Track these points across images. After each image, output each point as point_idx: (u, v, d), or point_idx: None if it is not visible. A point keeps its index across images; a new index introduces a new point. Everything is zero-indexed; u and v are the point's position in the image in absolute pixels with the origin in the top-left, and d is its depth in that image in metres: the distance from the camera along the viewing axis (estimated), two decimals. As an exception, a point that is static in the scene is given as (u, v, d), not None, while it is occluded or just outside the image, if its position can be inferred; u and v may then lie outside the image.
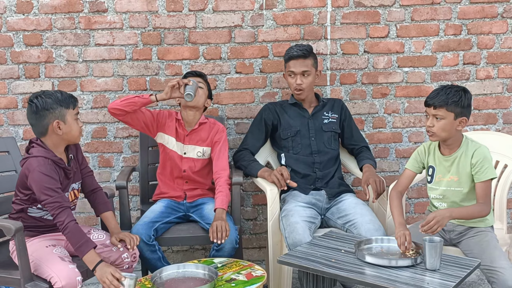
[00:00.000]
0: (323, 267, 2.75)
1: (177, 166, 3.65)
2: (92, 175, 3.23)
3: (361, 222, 3.31)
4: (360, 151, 3.79)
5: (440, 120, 2.97)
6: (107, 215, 3.19)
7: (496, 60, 4.11)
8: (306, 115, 3.74)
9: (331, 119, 3.75)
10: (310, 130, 3.71)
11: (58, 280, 2.74)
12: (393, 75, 4.11)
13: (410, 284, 2.55)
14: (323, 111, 3.76)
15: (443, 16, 4.04)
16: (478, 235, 3.02)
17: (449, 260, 2.76)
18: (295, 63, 3.62)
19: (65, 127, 2.91)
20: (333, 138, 3.73)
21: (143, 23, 3.96)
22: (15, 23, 3.92)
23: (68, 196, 3.01)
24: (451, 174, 3.06)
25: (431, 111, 2.98)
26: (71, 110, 2.92)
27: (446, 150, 3.09)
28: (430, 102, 2.98)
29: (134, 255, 3.15)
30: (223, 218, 3.33)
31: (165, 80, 4.01)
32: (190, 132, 3.63)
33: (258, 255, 4.26)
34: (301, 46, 3.64)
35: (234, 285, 2.83)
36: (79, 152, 3.14)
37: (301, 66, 3.61)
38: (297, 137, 3.70)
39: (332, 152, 3.70)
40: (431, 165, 3.13)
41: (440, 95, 2.96)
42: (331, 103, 3.81)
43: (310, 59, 3.63)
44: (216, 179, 3.57)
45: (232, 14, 3.99)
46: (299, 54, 3.60)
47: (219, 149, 3.64)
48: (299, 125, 3.71)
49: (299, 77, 3.62)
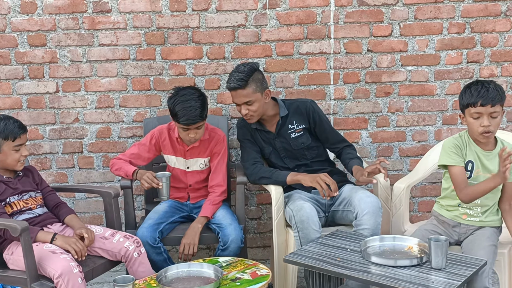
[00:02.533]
0: (329, 266, 2.77)
1: (182, 181, 3.65)
2: (54, 193, 3.38)
3: (354, 196, 3.30)
4: (341, 153, 3.67)
5: (496, 117, 2.92)
6: (70, 217, 3.27)
7: (500, 58, 4.11)
8: (271, 136, 3.61)
9: (297, 132, 3.59)
10: (280, 152, 3.61)
11: (55, 271, 2.84)
12: (397, 74, 4.11)
13: (415, 283, 2.56)
14: (287, 125, 3.59)
15: (446, 14, 4.04)
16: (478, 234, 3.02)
17: (454, 259, 2.77)
18: (235, 95, 3.45)
19: (0, 155, 3.12)
20: (306, 151, 3.62)
21: (147, 23, 3.97)
22: (19, 24, 3.93)
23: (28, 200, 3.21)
24: (492, 170, 2.99)
25: (488, 109, 2.89)
26: (10, 141, 3.11)
27: (487, 146, 3.03)
28: (485, 102, 2.88)
29: (135, 240, 3.22)
30: (195, 232, 3.39)
31: (169, 80, 4.02)
32: (190, 147, 3.58)
33: (262, 254, 4.26)
34: (238, 76, 3.41)
35: (239, 284, 2.84)
36: (35, 175, 3.34)
37: (241, 97, 3.43)
38: (272, 157, 3.63)
39: (311, 163, 3.61)
40: (470, 160, 3.04)
41: (491, 92, 2.90)
42: (293, 109, 3.60)
43: (249, 87, 3.41)
44: (210, 193, 3.58)
45: (235, 13, 3.99)
46: (235, 86, 3.41)
47: (218, 162, 3.61)
48: (269, 147, 3.62)
49: (243, 107, 3.46)
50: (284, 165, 3.61)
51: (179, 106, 3.34)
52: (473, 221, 3.05)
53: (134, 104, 4.06)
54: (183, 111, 3.33)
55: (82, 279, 2.87)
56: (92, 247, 3.15)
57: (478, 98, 2.90)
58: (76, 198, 4.16)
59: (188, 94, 3.38)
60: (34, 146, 4.07)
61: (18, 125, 3.16)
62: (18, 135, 3.13)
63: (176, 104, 3.35)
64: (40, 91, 4.02)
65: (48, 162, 4.11)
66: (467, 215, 3.06)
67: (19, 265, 2.94)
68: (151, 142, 3.60)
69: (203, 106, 3.39)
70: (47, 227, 3.18)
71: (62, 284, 2.81)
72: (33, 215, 3.16)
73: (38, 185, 3.31)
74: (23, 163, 3.20)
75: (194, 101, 3.35)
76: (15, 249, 2.99)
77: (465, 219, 3.06)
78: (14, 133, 3.12)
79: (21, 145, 3.16)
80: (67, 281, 2.81)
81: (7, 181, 3.15)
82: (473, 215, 3.05)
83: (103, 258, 3.17)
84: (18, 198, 3.15)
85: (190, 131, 3.40)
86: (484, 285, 2.78)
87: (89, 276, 3.02)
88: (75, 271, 2.85)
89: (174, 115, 3.38)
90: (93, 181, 4.14)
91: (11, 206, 3.10)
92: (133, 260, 3.15)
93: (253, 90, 3.43)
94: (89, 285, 3.88)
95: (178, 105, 3.34)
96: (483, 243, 2.94)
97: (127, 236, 3.21)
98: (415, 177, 3.52)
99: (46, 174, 4.07)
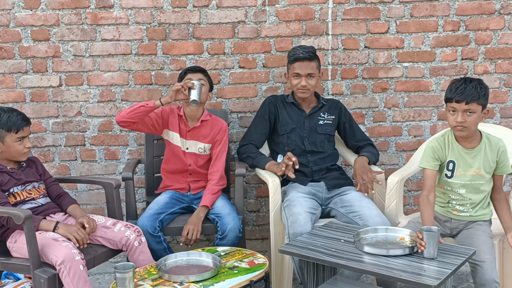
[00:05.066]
0: (323, 256, 2.82)
1: (182, 160, 3.73)
2: (57, 184, 3.46)
3: (369, 215, 3.34)
4: (362, 147, 3.83)
5: (471, 115, 2.95)
6: (73, 207, 3.36)
7: (494, 55, 4.19)
8: (303, 114, 3.79)
9: (326, 120, 3.79)
10: (305, 130, 3.76)
11: (57, 258, 2.92)
12: (393, 70, 4.19)
13: (408, 272, 2.62)
14: (320, 112, 3.80)
15: (441, 12, 4.12)
16: (472, 228, 3.10)
17: (445, 249, 2.83)
18: (300, 65, 3.65)
19: (3, 147, 3.19)
20: (326, 140, 3.78)
21: (149, 19, 4.05)
22: (23, 19, 4.01)
23: (31, 190, 3.28)
24: (477, 167, 3.06)
25: (463, 106, 2.94)
26: (13, 133, 3.18)
27: (468, 144, 3.08)
28: (460, 98, 2.94)
29: (136, 230, 3.30)
30: (199, 219, 3.49)
31: (170, 74, 4.11)
32: (192, 128, 3.70)
33: (261, 246, 4.35)
34: (307, 48, 3.67)
35: (236, 272, 2.92)
36: (38, 166, 3.42)
37: (306, 69, 3.64)
38: (292, 134, 3.75)
39: (324, 153, 3.76)
40: (451, 159, 3.10)
41: (468, 90, 2.94)
42: (329, 104, 3.85)
43: (315, 61, 3.68)
44: (209, 181, 3.67)
45: (235, 10, 4.07)
46: (305, 56, 3.63)
47: (219, 150, 3.72)
48: (296, 122, 3.76)
49: (304, 79, 3.65)
50: (302, 145, 3.74)
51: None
52: (464, 216, 3.13)
53: (136, 98, 4.14)
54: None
55: (83, 266, 2.94)
56: (94, 235, 3.23)
57: (454, 94, 2.97)
58: (79, 190, 4.24)
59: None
60: (37, 139, 4.16)
61: (21, 117, 3.23)
62: (21, 127, 3.20)
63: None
64: (43, 85, 4.10)
65: (51, 155, 4.19)
66: (457, 210, 3.13)
67: (22, 253, 3.02)
68: (162, 113, 3.71)
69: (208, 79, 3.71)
70: (50, 216, 3.25)
71: (64, 271, 2.89)
72: (36, 205, 3.24)
73: (41, 175, 3.39)
74: (27, 154, 3.28)
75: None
76: (19, 237, 3.07)
77: (456, 215, 3.14)
78: (17, 125, 3.19)
79: (24, 137, 3.23)
80: (69, 268, 2.89)
81: (10, 171, 3.22)
82: (463, 210, 3.12)
83: (104, 246, 3.25)
84: (22, 188, 3.23)
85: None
86: (493, 278, 2.84)
87: (90, 264, 3.10)
88: (77, 258, 2.93)
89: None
90: (95, 174, 4.22)
91: (15, 196, 3.18)
92: (134, 249, 3.23)
93: (317, 66, 3.70)
94: (90, 274, 3.95)
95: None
96: (481, 237, 3.01)
97: (128, 225, 3.30)
98: (408, 171, 3.59)
99: (49, 167, 4.15)
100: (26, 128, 3.24)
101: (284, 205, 3.47)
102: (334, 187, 3.64)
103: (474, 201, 3.11)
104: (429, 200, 3.05)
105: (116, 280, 2.75)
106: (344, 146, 3.95)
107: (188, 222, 3.49)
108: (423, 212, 3.03)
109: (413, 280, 2.56)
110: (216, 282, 2.82)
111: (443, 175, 3.13)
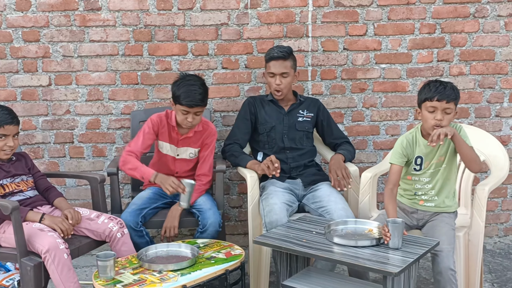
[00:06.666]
0: (295, 247, 2.95)
1: (169, 168, 3.80)
2: (44, 178, 3.58)
3: (334, 209, 3.51)
4: (339, 145, 3.95)
5: (449, 114, 3.10)
6: (59, 200, 3.48)
7: (468, 57, 4.33)
8: (282, 111, 3.90)
9: (305, 117, 3.90)
10: (284, 127, 3.87)
11: (43, 247, 3.05)
12: (371, 71, 4.33)
13: (373, 261, 2.76)
14: (299, 109, 3.91)
15: (418, 15, 4.26)
16: (436, 220, 3.24)
17: (410, 240, 2.97)
18: (275, 64, 3.77)
19: None
20: (305, 137, 3.90)
21: (135, 21, 4.18)
22: (14, 20, 4.15)
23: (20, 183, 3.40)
24: (439, 155, 3.21)
25: (443, 105, 3.07)
26: None
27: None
28: (441, 97, 3.07)
29: (119, 222, 3.41)
30: (173, 217, 3.60)
31: (155, 74, 4.24)
32: (183, 137, 3.75)
33: (243, 241, 4.44)
34: (282, 48, 3.79)
35: (213, 262, 3.06)
36: (28, 160, 3.54)
37: (280, 68, 3.75)
38: (272, 132, 3.87)
39: (303, 150, 3.88)
40: (419, 155, 3.24)
41: (447, 90, 3.08)
42: (308, 102, 3.96)
43: (290, 60, 3.78)
44: (197, 181, 3.70)
45: (218, 12, 4.20)
46: (279, 55, 3.75)
47: (207, 153, 3.79)
48: (275, 120, 3.88)
49: (278, 77, 3.76)
50: (281, 143, 3.86)
51: (183, 88, 3.53)
52: (429, 207, 3.27)
53: (123, 97, 4.28)
54: (187, 93, 3.52)
55: (68, 255, 3.08)
56: (78, 227, 3.36)
57: (435, 94, 3.10)
58: (67, 185, 4.37)
59: (193, 80, 3.61)
60: (28, 136, 4.29)
61: (6, 115, 3.29)
62: (2, 124, 3.26)
63: (181, 87, 3.54)
64: (33, 84, 4.24)
65: (40, 152, 4.33)
66: (423, 200, 3.28)
67: (10, 243, 3.15)
68: (153, 129, 3.72)
69: (205, 92, 3.60)
70: (37, 208, 3.38)
71: (49, 259, 3.02)
72: (24, 197, 3.37)
73: (30, 169, 3.51)
74: (7, 153, 3.34)
75: (198, 87, 3.56)
76: (7, 228, 3.20)
77: (422, 205, 3.28)
78: (0, 121, 3.27)
79: (7, 136, 3.29)
80: (54, 256, 3.02)
81: (0, 164, 3.35)
82: (428, 200, 3.27)
83: (88, 237, 3.39)
84: (11, 180, 3.36)
85: (189, 115, 3.56)
86: (449, 266, 3.00)
87: (75, 254, 3.24)
88: (61, 247, 3.06)
89: (177, 97, 3.55)
90: (83, 170, 4.35)
91: (4, 188, 3.31)
92: (117, 240, 3.36)
93: (291, 65, 3.79)
94: (78, 267, 4.08)
95: (183, 87, 3.54)
96: (443, 228, 3.16)
97: (111, 217, 3.42)
98: (382, 167, 3.73)
99: (39, 163, 4.27)
100: (9, 126, 3.29)
101: (262, 198, 3.60)
102: (310, 184, 3.77)
103: (439, 188, 3.25)
104: (393, 193, 3.22)
105: (98, 268, 2.89)
106: (322, 144, 4.07)
107: (165, 221, 3.61)
108: (387, 204, 3.19)
109: (378, 268, 2.71)
110: (193, 271, 2.95)
111: (412, 168, 3.27)
